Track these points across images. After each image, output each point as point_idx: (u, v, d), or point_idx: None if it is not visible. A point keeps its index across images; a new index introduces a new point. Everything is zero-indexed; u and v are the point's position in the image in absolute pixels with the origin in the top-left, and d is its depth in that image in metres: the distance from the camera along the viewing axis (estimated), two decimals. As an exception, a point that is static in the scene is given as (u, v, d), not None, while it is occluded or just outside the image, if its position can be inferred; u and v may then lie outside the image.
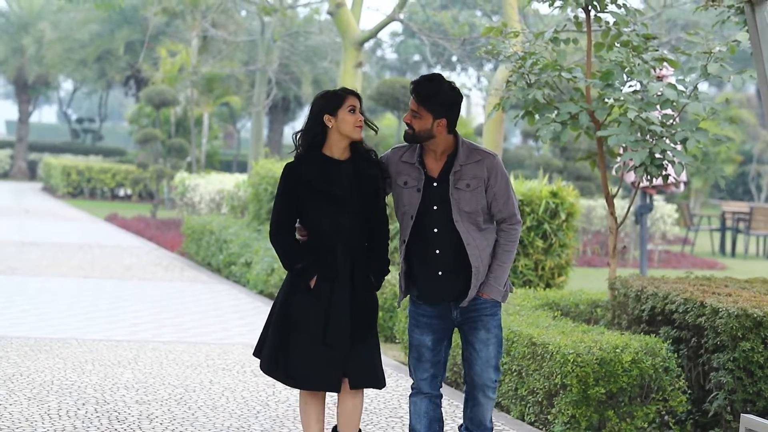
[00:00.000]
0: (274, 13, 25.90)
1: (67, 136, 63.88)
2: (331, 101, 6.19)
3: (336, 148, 6.20)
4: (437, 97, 6.11)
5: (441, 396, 6.44)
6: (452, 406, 8.54)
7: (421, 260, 6.23)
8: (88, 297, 14.13)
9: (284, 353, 6.19)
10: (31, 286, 14.90)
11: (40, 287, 14.81)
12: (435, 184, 6.18)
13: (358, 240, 6.18)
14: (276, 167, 17.18)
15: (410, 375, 6.42)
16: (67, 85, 65.33)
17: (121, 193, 39.96)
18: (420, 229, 6.20)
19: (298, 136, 6.24)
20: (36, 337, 10.92)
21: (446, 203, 6.15)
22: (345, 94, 6.26)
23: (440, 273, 6.20)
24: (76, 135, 60.46)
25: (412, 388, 6.42)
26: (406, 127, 6.16)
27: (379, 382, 6.31)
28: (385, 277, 6.43)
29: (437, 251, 6.19)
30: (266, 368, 6.29)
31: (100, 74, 47.10)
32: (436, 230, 6.17)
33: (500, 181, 6.21)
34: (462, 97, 6.25)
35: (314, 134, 6.18)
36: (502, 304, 6.44)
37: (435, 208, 6.16)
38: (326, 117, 6.17)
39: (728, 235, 27.13)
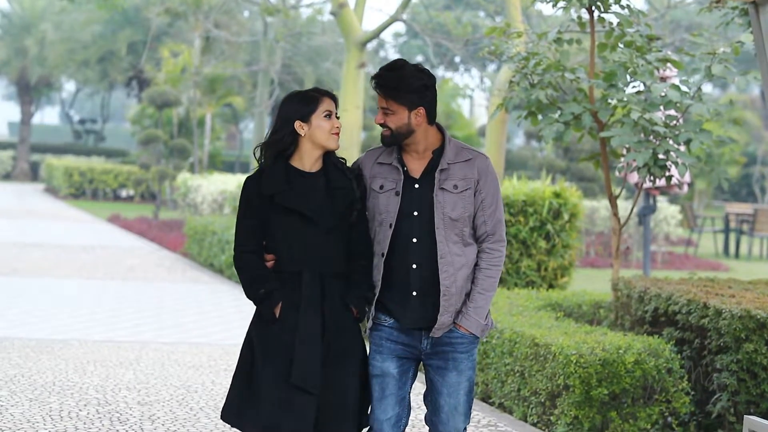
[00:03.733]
0: (277, 13, 25.89)
1: (69, 137, 63.94)
2: (303, 105, 5.29)
3: (307, 159, 5.30)
4: (405, 85, 5.23)
5: None
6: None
7: (395, 277, 5.28)
8: (90, 298, 14.12)
9: (248, 397, 5.26)
10: (33, 287, 14.89)
11: (42, 288, 14.79)
12: (417, 185, 5.29)
13: (331, 262, 5.24)
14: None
15: (370, 420, 5.37)
16: (69, 86, 65.39)
17: (124, 194, 39.97)
18: (396, 240, 5.26)
19: (263, 148, 5.33)
20: (38, 338, 10.91)
21: (428, 208, 5.25)
22: (319, 95, 5.35)
23: (414, 293, 5.26)
24: (79, 136, 60.52)
25: None
26: (383, 129, 5.29)
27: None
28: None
29: (414, 266, 5.25)
30: (226, 415, 5.34)
31: (102, 75, 47.16)
32: (415, 240, 5.25)
33: (490, 187, 5.33)
34: (434, 77, 5.39)
35: (283, 145, 5.28)
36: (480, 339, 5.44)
37: (415, 213, 5.26)
38: (297, 124, 5.26)
39: (732, 236, 27.09)
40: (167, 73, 31.54)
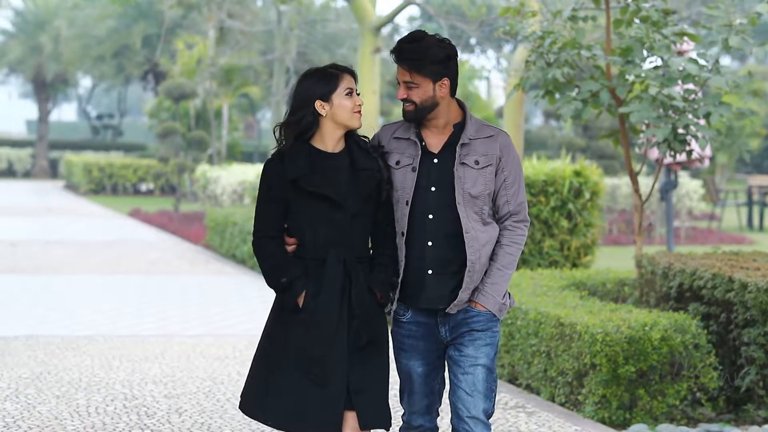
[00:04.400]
0: (290, 1, 25.85)
1: (87, 133, 64.13)
2: (323, 84, 5.03)
3: (329, 140, 5.06)
4: (429, 56, 5.02)
5: (437, 429, 5.38)
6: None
7: (410, 255, 5.11)
8: (114, 293, 14.14)
9: (269, 388, 5.07)
10: (56, 284, 14.92)
11: (66, 285, 14.82)
12: (435, 160, 5.09)
13: (356, 247, 5.05)
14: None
15: (401, 404, 5.35)
16: (85, 82, 65.53)
17: (143, 188, 40.06)
18: (412, 217, 5.08)
19: (283, 128, 5.11)
20: (63, 335, 10.93)
21: (447, 183, 5.06)
22: (339, 72, 5.10)
23: (430, 272, 5.09)
24: (96, 132, 60.68)
25: (403, 421, 5.36)
26: (405, 105, 5.06)
27: (387, 422, 5.16)
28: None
29: (429, 243, 5.07)
30: (246, 406, 5.16)
31: (118, 70, 47.26)
32: (431, 216, 5.06)
33: (513, 165, 5.15)
34: (456, 49, 5.22)
35: (305, 126, 5.04)
36: (500, 320, 5.23)
37: (433, 189, 5.07)
38: (318, 103, 5.02)
39: (755, 209, 26.95)
40: (182, 65, 31.56)
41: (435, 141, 5.13)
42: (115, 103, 64.51)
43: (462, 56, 54.04)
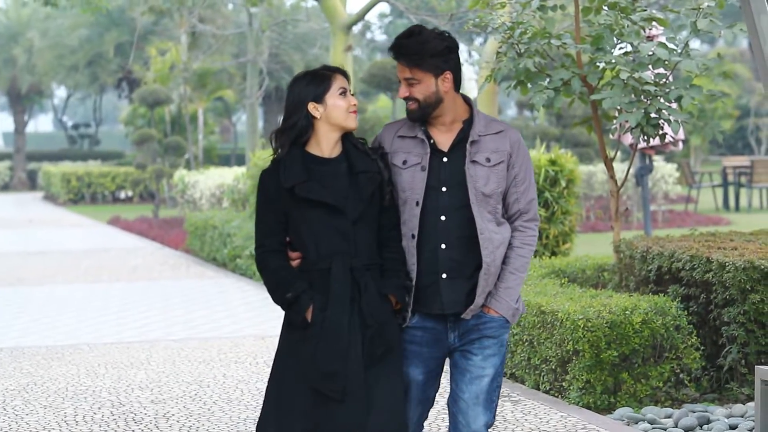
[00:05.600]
0: (261, 3, 25.84)
1: (64, 143, 63.92)
2: (314, 85, 4.86)
3: (325, 144, 4.87)
4: (429, 49, 4.83)
5: None
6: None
7: (423, 258, 4.88)
8: (97, 302, 14.14)
9: (283, 408, 4.85)
10: (39, 295, 14.91)
11: (48, 296, 14.81)
12: (445, 159, 4.88)
13: (362, 254, 4.81)
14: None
15: None
16: (60, 93, 65.37)
17: (122, 195, 39.96)
18: (423, 218, 4.86)
19: (278, 136, 4.91)
20: (48, 346, 10.92)
21: (458, 183, 4.85)
22: (330, 73, 4.93)
23: (444, 276, 4.86)
24: (73, 141, 60.50)
25: None
26: (408, 103, 4.89)
27: None
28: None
29: (443, 245, 4.85)
30: (262, 429, 4.93)
31: (92, 79, 47.15)
32: (443, 218, 4.85)
33: (524, 161, 4.95)
34: (456, 42, 5.01)
35: (301, 129, 4.85)
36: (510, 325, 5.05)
37: (444, 189, 4.85)
38: (311, 105, 4.84)
39: (731, 190, 27.09)
40: (156, 71, 31.51)
41: (443, 139, 4.92)
42: (91, 112, 64.33)
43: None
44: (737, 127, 45.64)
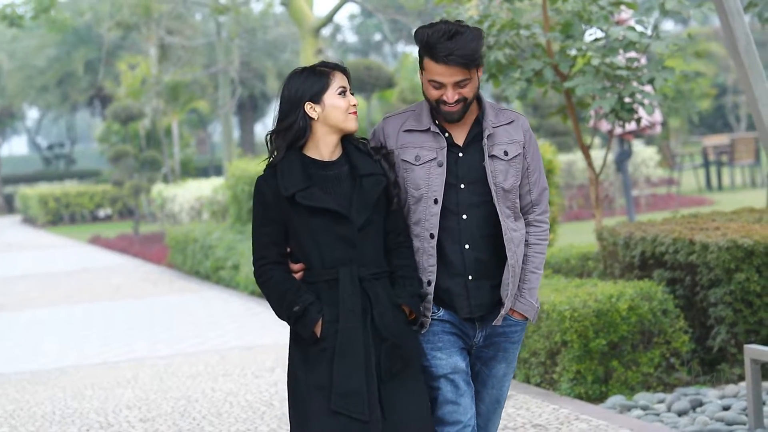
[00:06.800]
0: (227, 12, 25.75)
1: (39, 164, 63.69)
2: (312, 83, 4.50)
3: (324, 147, 4.52)
4: (479, 47, 4.51)
5: None
6: None
7: (447, 261, 4.59)
8: (80, 323, 14.02)
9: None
10: (21, 319, 14.78)
11: (31, 319, 14.69)
12: (461, 154, 4.59)
13: (370, 263, 4.49)
14: (251, 166, 17.09)
15: (443, 425, 4.62)
16: (32, 114, 65.14)
17: (102, 214, 39.75)
18: (443, 218, 4.57)
19: (274, 138, 4.55)
20: (32, 370, 10.81)
21: (477, 179, 4.58)
22: (329, 70, 4.56)
23: (470, 278, 4.59)
24: (49, 162, 60.24)
25: None
26: (449, 105, 4.51)
27: None
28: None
29: (466, 246, 4.58)
30: None
31: (63, 98, 46.97)
32: (465, 216, 4.57)
33: (535, 150, 4.71)
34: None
35: (298, 132, 4.49)
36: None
37: (462, 186, 4.57)
38: (308, 105, 4.49)
39: (712, 169, 27.09)
40: (127, 86, 31.38)
41: (457, 132, 4.62)
42: (65, 131, 64.13)
43: (406, 48, 54.08)
44: (716, 106, 45.64)
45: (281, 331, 11.08)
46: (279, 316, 4.52)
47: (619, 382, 7.62)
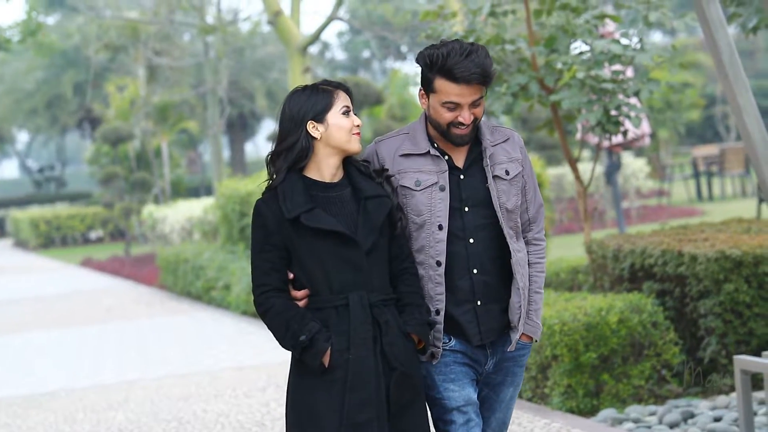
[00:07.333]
0: (215, 32, 25.78)
1: (30, 187, 63.62)
2: (315, 102, 4.33)
3: (326, 168, 4.34)
4: (492, 64, 4.40)
5: None
6: None
7: (456, 287, 4.45)
8: (72, 346, 13.98)
9: None
10: (13, 343, 14.74)
11: (23, 343, 14.64)
12: (463, 176, 4.46)
13: (378, 289, 4.31)
14: (240, 186, 17.07)
15: None
16: (22, 137, 65.09)
17: (93, 236, 39.72)
18: (449, 243, 4.44)
19: (274, 159, 4.36)
20: (24, 395, 10.77)
21: (481, 201, 4.45)
22: (332, 88, 4.40)
23: (479, 303, 4.46)
24: (39, 185, 60.19)
25: None
26: (461, 128, 4.40)
27: None
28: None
29: (474, 270, 4.45)
30: None
31: (52, 121, 46.98)
32: (472, 240, 4.44)
33: (530, 167, 4.62)
34: None
35: (300, 151, 4.30)
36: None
37: (467, 209, 4.45)
38: (310, 124, 4.31)
39: (703, 180, 27.10)
40: (116, 108, 31.39)
41: (457, 154, 4.49)
42: (55, 154, 64.09)
43: (395, 64, 54.14)
44: (705, 116, 45.67)
45: (272, 351, 11.06)
46: (283, 346, 4.29)
47: (611, 395, 7.60)
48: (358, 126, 4.36)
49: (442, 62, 4.34)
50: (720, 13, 6.33)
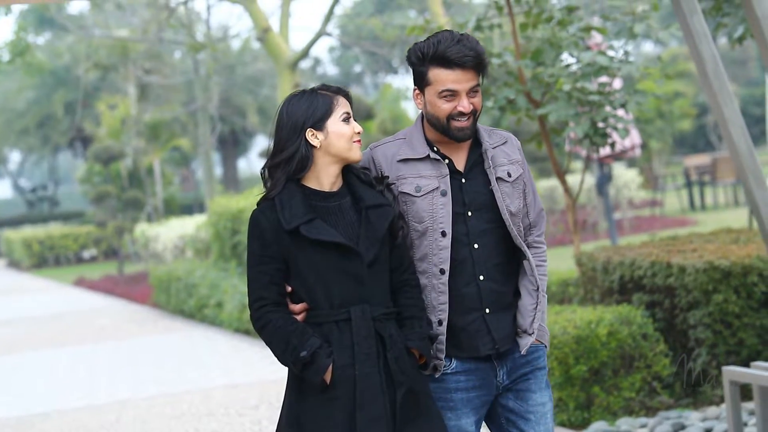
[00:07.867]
0: (204, 49, 25.81)
1: (23, 207, 63.56)
2: (314, 108, 4.13)
3: (325, 177, 4.15)
4: (484, 50, 4.23)
5: None
6: None
7: (463, 296, 4.27)
8: (64, 366, 13.95)
9: None
10: (5, 364, 14.70)
11: (16, 364, 14.61)
12: (464, 180, 4.28)
13: (380, 302, 4.13)
14: (232, 203, 17.07)
15: None
16: (14, 157, 65.06)
17: (86, 255, 39.63)
18: (453, 249, 4.25)
19: (272, 171, 4.17)
20: (17, 416, 10.74)
21: (484, 205, 4.28)
22: (332, 93, 4.20)
23: (488, 311, 4.27)
24: (32, 205, 60.13)
25: None
26: (462, 120, 4.21)
27: None
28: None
29: (481, 277, 4.26)
30: None
31: (44, 140, 46.99)
32: (477, 246, 4.26)
33: (528, 170, 4.44)
34: None
35: (300, 162, 4.11)
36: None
37: (470, 214, 4.27)
38: (310, 132, 4.11)
39: (695, 189, 27.10)
40: (107, 127, 31.40)
41: (457, 157, 4.31)
42: (47, 174, 64.06)
43: (386, 78, 54.21)
44: (697, 126, 45.72)
45: (265, 368, 11.04)
46: (283, 363, 4.10)
47: (601, 407, 7.59)
48: (358, 133, 4.17)
49: (434, 50, 4.17)
50: (703, 25, 6.34)
